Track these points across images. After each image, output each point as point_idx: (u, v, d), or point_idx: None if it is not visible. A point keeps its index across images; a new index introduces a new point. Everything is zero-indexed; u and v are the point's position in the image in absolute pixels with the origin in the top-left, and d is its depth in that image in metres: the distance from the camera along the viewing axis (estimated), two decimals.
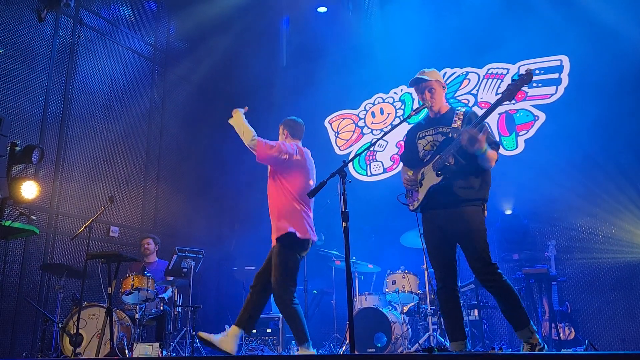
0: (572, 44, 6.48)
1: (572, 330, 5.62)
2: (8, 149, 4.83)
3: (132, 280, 5.36)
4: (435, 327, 5.16)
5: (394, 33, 7.99)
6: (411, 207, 3.38)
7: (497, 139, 3.30)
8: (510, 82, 3.00)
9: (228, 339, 3.78)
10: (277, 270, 3.83)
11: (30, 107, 6.11)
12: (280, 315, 6.47)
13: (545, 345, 3.03)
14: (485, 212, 3.19)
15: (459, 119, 3.19)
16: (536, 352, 2.92)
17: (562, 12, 6.51)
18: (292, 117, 4.38)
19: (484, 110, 3.10)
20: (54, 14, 6.49)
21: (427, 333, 5.14)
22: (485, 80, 7.14)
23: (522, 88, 3.00)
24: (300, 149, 4.14)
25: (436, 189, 3.18)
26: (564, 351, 4.94)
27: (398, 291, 5.56)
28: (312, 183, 4.11)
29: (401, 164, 3.61)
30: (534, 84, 6.74)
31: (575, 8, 6.40)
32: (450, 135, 3.18)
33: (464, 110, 3.28)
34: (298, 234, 3.84)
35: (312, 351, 3.72)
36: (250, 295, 3.98)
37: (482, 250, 3.05)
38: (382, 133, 3.42)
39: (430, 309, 5.20)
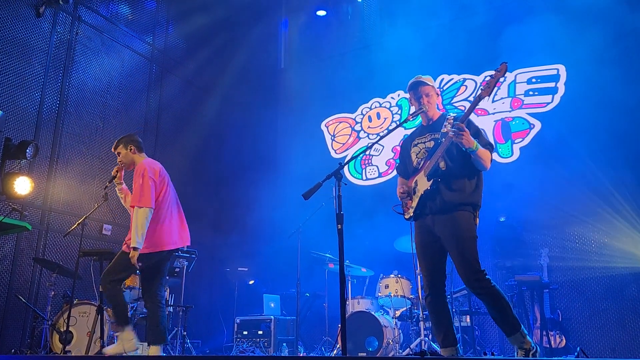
0: (569, 53, 6.52)
1: (563, 338, 5.63)
2: (2, 143, 4.80)
3: None
4: (427, 332, 5.16)
5: (392, 38, 8.02)
6: (406, 216, 3.37)
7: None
8: (488, 77, 3.06)
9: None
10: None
11: (26, 103, 6.08)
12: (272, 316, 6.46)
13: (538, 348, 3.03)
14: (477, 219, 3.17)
15: (449, 123, 3.21)
16: (530, 357, 2.92)
17: (560, 21, 6.55)
18: (129, 133, 4.50)
19: (468, 107, 3.14)
20: (52, 10, 6.47)
21: (419, 338, 5.14)
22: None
23: (500, 81, 3.07)
24: (154, 162, 4.34)
25: (428, 195, 3.18)
26: (555, 359, 4.96)
27: (391, 295, 5.56)
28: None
29: (395, 172, 3.62)
30: (530, 92, 6.78)
31: (573, 17, 6.43)
32: (439, 140, 3.19)
33: (454, 115, 3.30)
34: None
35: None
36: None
37: (470, 257, 3.03)
38: (378, 137, 3.42)
39: (423, 314, 5.20)
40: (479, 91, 3.10)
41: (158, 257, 4.10)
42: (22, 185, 4.72)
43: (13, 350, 5.28)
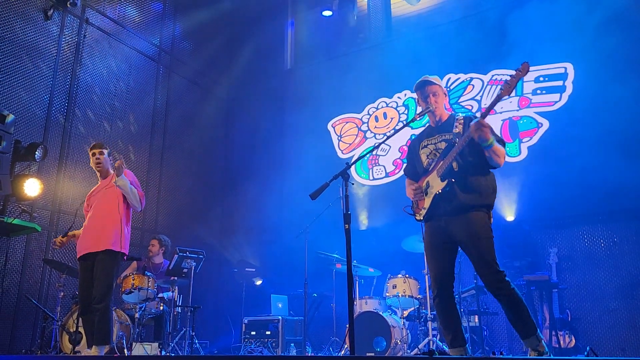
0: (577, 51, 6.47)
1: (573, 338, 5.60)
2: (12, 146, 4.85)
3: (133, 280, 5.36)
4: (435, 332, 5.14)
5: (398, 38, 8.00)
6: (418, 217, 3.35)
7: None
8: (508, 77, 3.03)
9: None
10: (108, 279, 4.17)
11: (35, 105, 6.13)
12: (280, 317, 6.47)
13: (552, 355, 3.01)
14: (491, 219, 3.17)
15: (459, 124, 3.19)
16: (543, 357, 2.90)
17: (568, 18, 6.50)
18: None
19: (488, 105, 3.11)
20: (60, 13, 6.52)
21: (427, 338, 5.12)
22: (489, 87, 7.13)
23: (522, 80, 3.02)
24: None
25: (442, 196, 3.16)
26: (565, 358, 4.93)
27: (398, 295, 5.54)
28: None
29: (402, 172, 3.59)
30: (538, 91, 6.74)
31: (581, 14, 6.38)
32: (452, 141, 3.17)
33: (464, 115, 3.28)
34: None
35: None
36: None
37: (490, 257, 3.02)
38: (385, 137, 3.40)
39: (431, 314, 5.18)
40: (499, 90, 3.06)
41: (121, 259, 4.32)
42: (32, 187, 4.77)
43: (24, 351, 5.33)
